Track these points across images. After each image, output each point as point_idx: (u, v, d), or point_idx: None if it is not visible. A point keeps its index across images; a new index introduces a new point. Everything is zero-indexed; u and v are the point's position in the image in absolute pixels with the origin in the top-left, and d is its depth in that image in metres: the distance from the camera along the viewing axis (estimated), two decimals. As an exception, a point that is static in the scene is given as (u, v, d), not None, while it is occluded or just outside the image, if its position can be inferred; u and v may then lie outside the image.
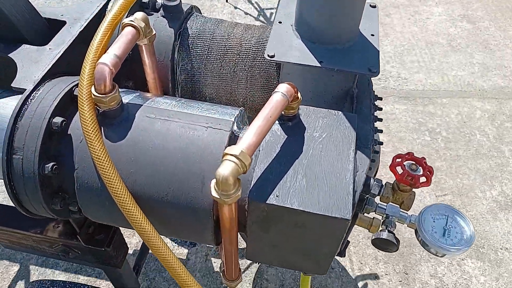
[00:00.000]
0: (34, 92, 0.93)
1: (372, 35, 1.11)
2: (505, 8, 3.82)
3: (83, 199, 0.90)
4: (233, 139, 0.90)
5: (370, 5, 1.19)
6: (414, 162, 0.86)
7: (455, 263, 2.19)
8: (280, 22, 1.13)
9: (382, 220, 0.96)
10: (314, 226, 0.82)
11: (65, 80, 0.97)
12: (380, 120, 1.07)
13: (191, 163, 0.85)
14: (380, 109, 1.10)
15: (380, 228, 0.94)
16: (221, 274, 1.08)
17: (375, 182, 0.91)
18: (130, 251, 2.10)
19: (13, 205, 0.96)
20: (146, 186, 0.85)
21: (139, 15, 0.94)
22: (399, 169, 0.86)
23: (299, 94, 0.89)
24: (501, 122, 2.91)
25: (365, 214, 0.99)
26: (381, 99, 1.12)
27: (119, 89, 0.88)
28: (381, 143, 1.04)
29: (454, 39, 3.56)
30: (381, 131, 1.05)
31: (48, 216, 1.00)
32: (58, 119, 0.89)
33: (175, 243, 2.21)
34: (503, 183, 2.55)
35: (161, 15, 1.16)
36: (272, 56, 1.02)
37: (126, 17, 0.96)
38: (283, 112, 0.89)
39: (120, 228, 1.23)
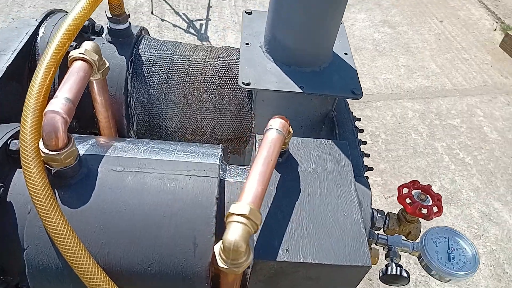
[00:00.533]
0: (-45, 152, 0.71)
1: (346, 53, 1.05)
2: (418, 13, 4.11)
3: (39, 284, 0.70)
4: (221, 186, 0.77)
5: (336, 21, 1.13)
6: (421, 191, 0.81)
7: (412, 261, 2.25)
8: (247, 44, 1.02)
9: (385, 252, 0.89)
10: (329, 276, 0.72)
11: (-4, 131, 0.76)
12: (364, 143, 1.01)
13: (178, 222, 0.70)
14: (362, 131, 1.04)
15: (386, 262, 0.87)
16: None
17: (378, 215, 0.84)
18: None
19: None
20: (123, 259, 0.69)
21: (89, 45, 0.77)
22: (408, 201, 0.80)
23: (290, 128, 0.79)
24: (431, 120, 3.10)
25: (363, 246, 0.92)
26: (359, 120, 1.06)
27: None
28: (371, 169, 0.97)
29: (379, 44, 3.73)
30: (368, 155, 0.99)
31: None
32: (-7, 186, 0.68)
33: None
34: (441, 178, 2.70)
35: (107, 41, 0.99)
36: (248, 84, 0.91)
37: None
38: (274, 149, 0.78)
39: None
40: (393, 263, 0.85)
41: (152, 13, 3.59)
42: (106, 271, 0.67)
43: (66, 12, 1.08)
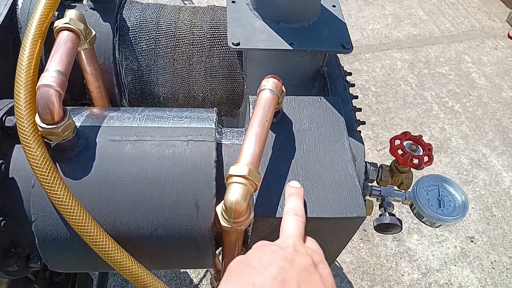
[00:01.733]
0: (-50, 132, 0.71)
1: (334, 6, 1.04)
2: (405, -42, 3.99)
3: (49, 254, 0.73)
4: (219, 150, 0.79)
5: (322, -27, 1.10)
6: (412, 142, 0.83)
7: (404, 210, 2.34)
8: (233, 2, 0.99)
9: (379, 203, 0.93)
10: (326, 229, 0.76)
11: (-12, 108, 0.76)
12: (356, 97, 1.02)
13: (179, 187, 0.72)
14: (353, 85, 1.05)
15: (380, 212, 0.91)
16: (216, 290, 0.99)
17: (372, 167, 0.87)
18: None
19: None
20: (129, 225, 0.71)
21: (73, 14, 0.75)
22: (400, 152, 0.83)
23: (283, 87, 0.79)
24: (420, 70, 3.10)
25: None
26: (350, 74, 1.07)
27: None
28: (363, 123, 0.99)
29: (365, -7, 3.65)
30: (360, 110, 1.00)
31: (-1, 278, 0.81)
32: (-6, 163, 0.69)
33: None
34: (431, 128, 2.75)
35: (89, 8, 0.96)
36: (237, 44, 0.90)
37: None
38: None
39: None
40: (387, 213, 0.89)
41: (130, -28, 3.44)
42: (113, 237, 0.69)
43: (43, -21, 1.04)
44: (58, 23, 0.73)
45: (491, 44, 3.31)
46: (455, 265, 2.14)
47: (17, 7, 0.93)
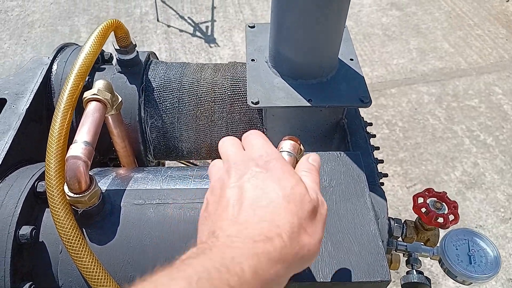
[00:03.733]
0: (-13, 200, 0.75)
1: (351, 59, 1.05)
2: (427, -8, 4.02)
3: (75, 317, 0.74)
4: (239, 210, 0.79)
5: (339, 26, 1.13)
6: (437, 199, 0.81)
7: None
8: (253, 60, 1.03)
9: (406, 259, 0.90)
10: (350, 292, 0.74)
11: (22, 174, 0.81)
12: (377, 148, 1.01)
13: (200, 250, 0.73)
14: (374, 136, 1.04)
15: (407, 269, 0.88)
16: None
17: (396, 224, 0.85)
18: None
19: None
20: None
21: (101, 84, 0.80)
22: (424, 210, 0.81)
23: (302, 146, 0.80)
24: (448, 103, 3.05)
25: (384, 253, 0.93)
26: (371, 124, 1.07)
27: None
28: (386, 175, 0.98)
29: (388, 28, 3.67)
30: (382, 161, 0.99)
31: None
32: (26, 229, 0.72)
33: None
34: (463, 162, 2.66)
35: (117, 71, 1.02)
36: (257, 103, 0.93)
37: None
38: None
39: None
40: (414, 271, 0.86)
41: (157, 20, 3.62)
42: (136, 301, 0.70)
43: (76, 44, 1.12)
44: (87, 94, 0.78)
45: (522, 74, 3.22)
46: (497, 312, 2.00)
47: (51, 73, 1.00)
